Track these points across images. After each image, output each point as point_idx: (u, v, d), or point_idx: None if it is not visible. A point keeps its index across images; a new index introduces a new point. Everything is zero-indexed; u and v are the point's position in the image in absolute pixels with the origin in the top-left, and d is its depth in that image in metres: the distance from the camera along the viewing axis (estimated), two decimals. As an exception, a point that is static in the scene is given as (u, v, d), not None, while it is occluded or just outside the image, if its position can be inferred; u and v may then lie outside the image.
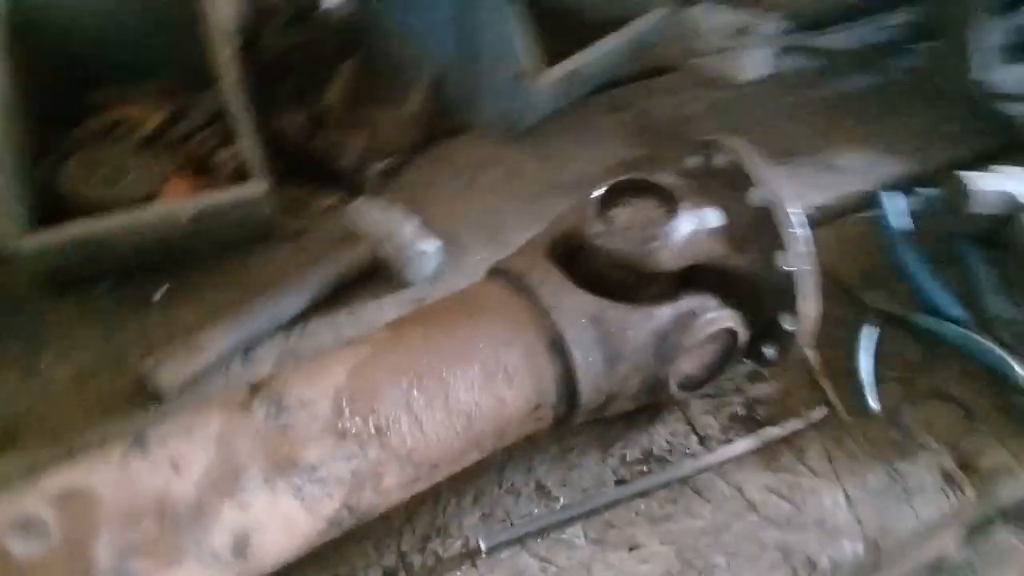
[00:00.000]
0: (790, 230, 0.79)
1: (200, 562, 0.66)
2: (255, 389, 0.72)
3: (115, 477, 0.65)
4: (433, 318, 0.79)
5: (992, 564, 0.88)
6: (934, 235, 1.07)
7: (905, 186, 1.15)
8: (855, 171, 1.21)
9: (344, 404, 0.71)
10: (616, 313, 0.78)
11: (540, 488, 0.84)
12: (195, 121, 1.21)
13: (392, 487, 0.73)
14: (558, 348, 0.76)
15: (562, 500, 0.83)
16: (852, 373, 0.93)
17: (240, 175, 1.10)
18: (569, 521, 0.82)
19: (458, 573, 0.78)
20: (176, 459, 0.66)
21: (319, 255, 1.05)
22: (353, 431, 0.70)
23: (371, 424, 0.71)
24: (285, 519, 0.68)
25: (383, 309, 1.03)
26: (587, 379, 0.77)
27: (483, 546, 0.79)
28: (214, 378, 0.94)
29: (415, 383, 0.73)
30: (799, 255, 0.79)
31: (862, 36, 1.53)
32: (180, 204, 1.00)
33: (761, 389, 0.93)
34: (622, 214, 0.82)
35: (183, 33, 1.23)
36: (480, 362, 0.75)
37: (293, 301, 1.00)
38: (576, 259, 0.82)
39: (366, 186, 1.17)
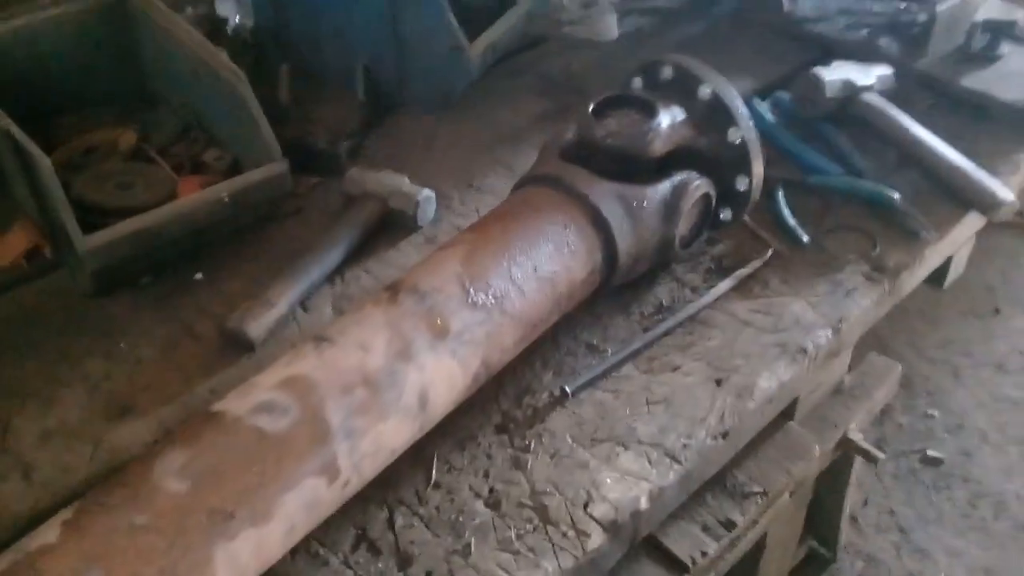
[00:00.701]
0: (739, 110, 1.06)
1: (398, 416, 0.83)
2: (394, 288, 0.89)
3: (319, 363, 0.81)
4: (503, 217, 0.99)
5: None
6: (798, 122, 1.39)
7: (759, 94, 1.47)
8: (719, 91, 1.52)
9: (467, 284, 0.90)
10: (633, 190, 1.02)
11: (589, 346, 1.06)
12: (167, 133, 1.32)
13: (509, 345, 0.93)
14: (599, 222, 0.99)
15: (609, 351, 1.06)
16: (780, 223, 1.22)
17: (233, 170, 1.24)
18: (621, 363, 1.04)
19: (553, 414, 0.99)
20: (361, 342, 0.83)
21: (332, 219, 1.21)
22: (480, 302, 0.89)
23: (491, 296, 0.90)
24: (448, 376, 0.87)
25: (401, 250, 1.21)
26: (622, 243, 1.01)
27: (568, 390, 1.00)
28: (286, 327, 1.08)
29: (512, 261, 0.93)
30: (747, 128, 1.07)
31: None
32: (218, 187, 1.13)
33: (720, 249, 1.19)
34: (612, 121, 1.06)
35: (123, 63, 1.35)
36: (550, 241, 0.96)
37: (332, 255, 1.15)
38: (584, 159, 1.05)
39: (341, 162, 1.34)
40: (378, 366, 0.82)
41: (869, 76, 1.38)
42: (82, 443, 0.95)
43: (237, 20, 1.60)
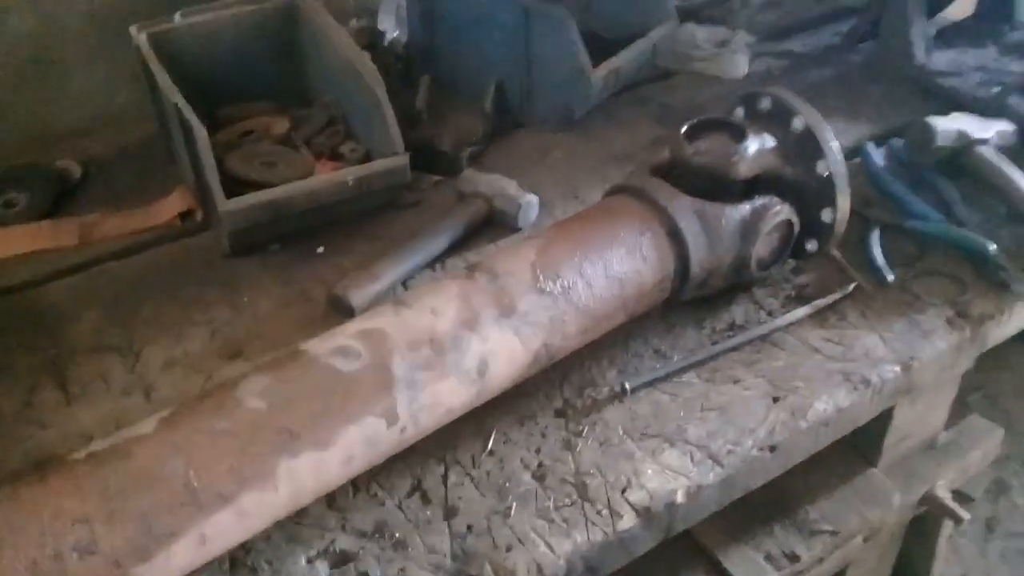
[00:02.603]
0: (828, 143, 1.11)
1: (458, 378, 0.92)
2: (472, 268, 0.99)
3: (394, 320, 0.92)
4: (584, 218, 1.07)
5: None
6: (907, 169, 1.40)
7: (875, 140, 1.49)
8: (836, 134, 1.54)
9: (538, 272, 0.98)
10: (713, 208, 1.08)
11: (656, 351, 1.12)
12: (315, 126, 1.48)
13: (572, 333, 1.00)
14: (675, 235, 1.06)
15: (675, 358, 1.11)
16: (868, 261, 1.24)
17: (364, 161, 1.38)
18: (684, 369, 1.10)
19: (610, 407, 1.05)
20: (434, 308, 0.93)
21: (443, 213, 1.33)
22: (547, 289, 0.98)
23: (559, 285, 0.98)
24: (509, 350, 0.95)
25: (499, 248, 1.30)
26: (696, 257, 1.06)
27: (628, 387, 1.06)
28: (385, 300, 1.20)
29: (584, 257, 1.01)
30: (835, 162, 1.11)
31: (817, 40, 1.89)
32: (344, 171, 1.27)
33: (803, 279, 1.23)
34: (703, 142, 1.13)
35: (286, 62, 1.52)
36: (623, 245, 1.03)
37: (437, 243, 1.27)
38: (671, 176, 1.12)
39: (461, 165, 1.46)
40: (445, 330, 0.91)
41: (987, 130, 1.38)
42: (197, 375, 1.10)
43: (394, 34, 1.77)
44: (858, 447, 1.34)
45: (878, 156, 1.43)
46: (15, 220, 1.38)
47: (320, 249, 1.30)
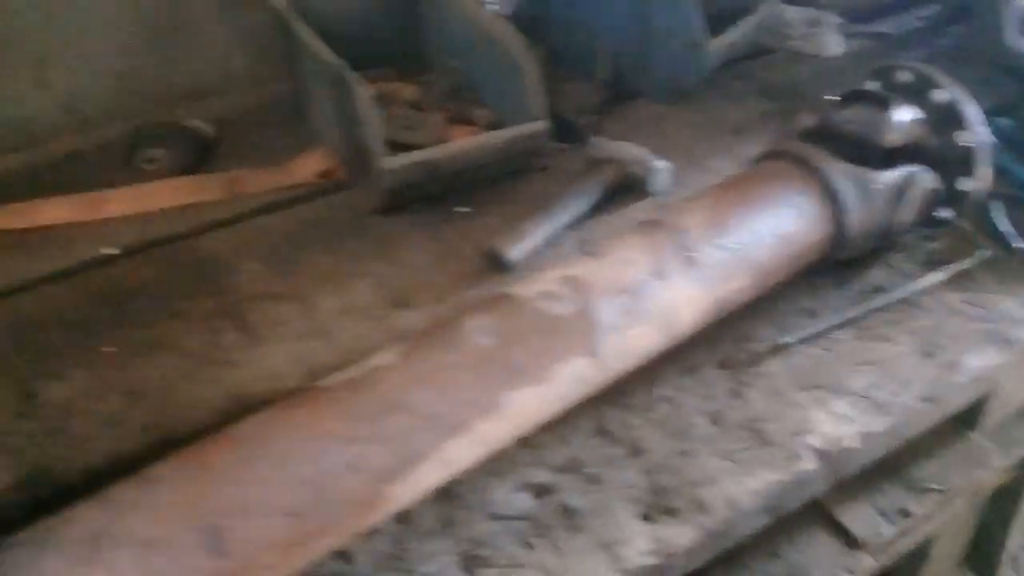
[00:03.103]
0: (971, 115, 1.16)
1: (650, 325, 0.97)
2: (650, 223, 1.04)
3: (592, 268, 0.97)
4: (746, 180, 1.13)
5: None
6: (1016, 147, 1.45)
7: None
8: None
9: (710, 228, 1.03)
10: (865, 173, 1.13)
11: (807, 311, 1.18)
12: (438, 92, 1.53)
13: (744, 288, 1.06)
14: (833, 197, 1.11)
15: (825, 317, 1.17)
16: (994, 231, 1.29)
17: (493, 126, 1.43)
18: (836, 327, 1.15)
19: (770, 361, 1.11)
20: (624, 258, 0.98)
21: (577, 177, 1.38)
22: (723, 244, 1.03)
23: (732, 240, 1.03)
24: (692, 300, 1.00)
25: (634, 212, 1.35)
26: (850, 219, 1.12)
27: (786, 342, 1.11)
28: (536, 257, 1.25)
29: (753, 216, 1.06)
30: (979, 133, 1.16)
31: (904, 22, 1.94)
32: (493, 135, 1.31)
33: (936, 245, 1.28)
34: (850, 111, 1.18)
35: (409, 29, 1.56)
36: (787, 206, 1.09)
37: (580, 205, 1.32)
38: (821, 143, 1.16)
39: (582, 134, 1.50)
40: (638, 279, 0.96)
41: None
42: (371, 321, 1.15)
43: (495, 7, 1.80)
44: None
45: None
46: (157, 176, 1.42)
47: (462, 209, 1.35)
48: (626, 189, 1.39)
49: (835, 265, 1.20)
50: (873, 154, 1.16)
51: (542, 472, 0.98)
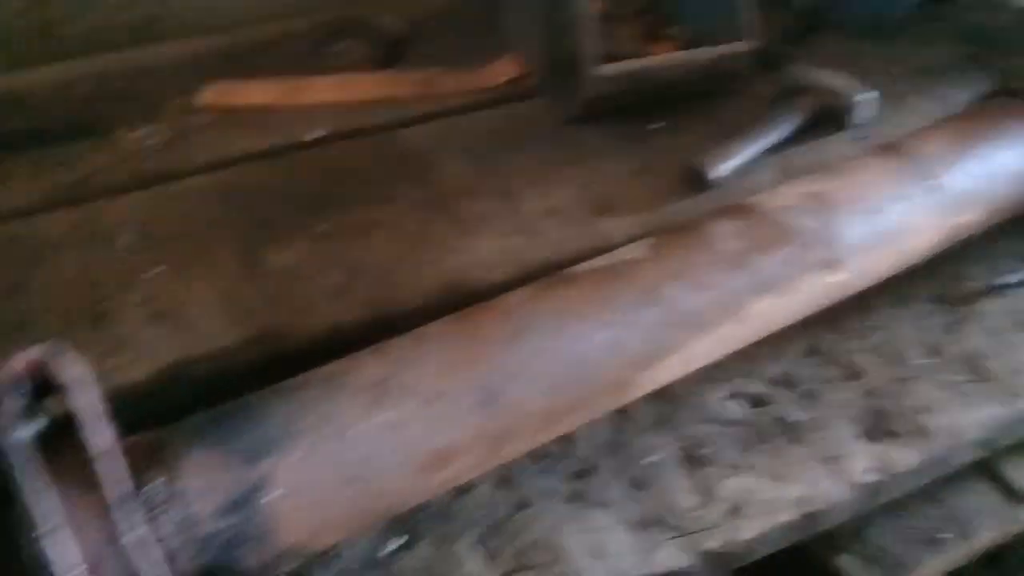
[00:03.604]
0: None
1: (889, 246, 0.96)
2: (889, 147, 1.02)
3: (833, 186, 0.95)
4: (977, 118, 1.09)
5: None
6: None
7: None
8: None
9: (951, 157, 1.01)
10: (1107, 116, 1.08)
11: (1016, 255, 1.15)
12: (632, 6, 1.51)
13: (976, 220, 1.03)
14: (1070, 137, 1.07)
15: (1034, 264, 1.14)
16: None
17: (690, 44, 1.40)
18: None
19: (985, 300, 1.08)
20: (865, 180, 0.97)
21: (775, 104, 1.35)
22: (959, 173, 1.00)
23: (968, 172, 1.01)
24: (927, 224, 0.98)
25: (831, 145, 1.32)
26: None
27: (1008, 281, 1.09)
28: (735, 178, 1.24)
29: (989, 151, 1.03)
30: None
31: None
32: (700, 51, 1.30)
33: None
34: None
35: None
36: (1011, 148, 1.05)
37: (778, 131, 1.29)
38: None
39: (781, 60, 1.47)
40: (880, 200, 0.95)
41: None
42: (574, 224, 1.16)
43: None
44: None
45: None
46: (350, 68, 1.44)
47: (655, 125, 1.34)
48: (826, 120, 1.36)
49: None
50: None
51: (756, 383, 0.98)
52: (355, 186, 1.21)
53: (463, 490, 0.89)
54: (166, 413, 0.74)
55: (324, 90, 1.38)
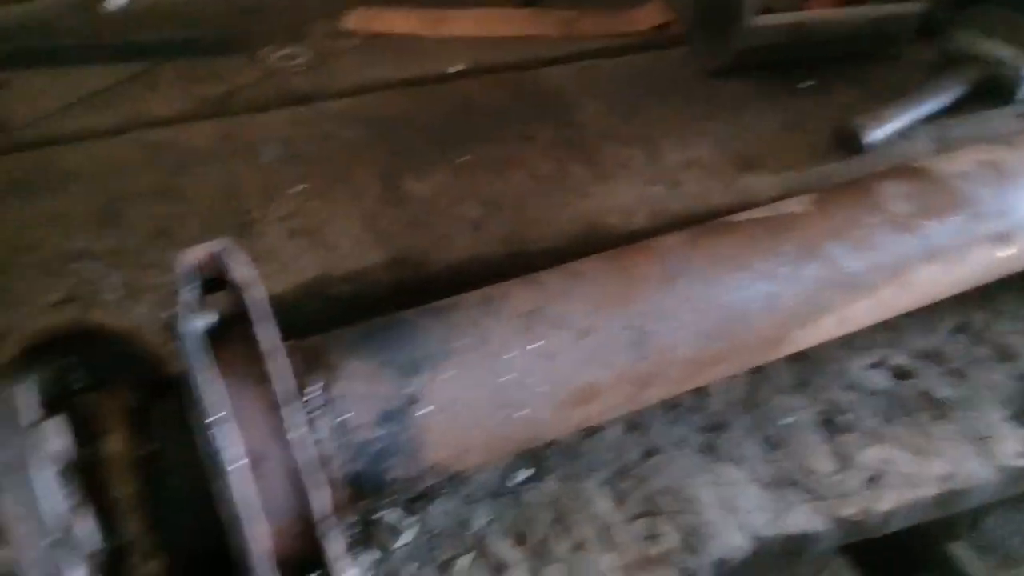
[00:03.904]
0: None
1: None
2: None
3: (1013, 158, 0.90)
4: None
5: None
6: None
7: None
8: None
9: None
10: None
11: None
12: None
13: None
14: None
15: None
16: None
17: (850, 3, 1.34)
18: None
19: None
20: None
21: (934, 71, 1.28)
22: None
23: None
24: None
25: (993, 118, 1.25)
26: None
27: None
28: (889, 145, 1.18)
29: None
30: None
31: None
32: (862, 9, 1.24)
33: None
34: None
35: None
36: None
37: (938, 99, 1.23)
38: None
39: (941, 27, 1.39)
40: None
41: None
42: (716, 178, 1.13)
43: None
44: None
45: None
46: (493, 3, 1.42)
47: (805, 84, 1.29)
48: (990, 91, 1.28)
49: None
50: None
51: (901, 355, 0.95)
52: (494, 122, 1.20)
53: (592, 431, 0.89)
54: (304, 327, 0.75)
55: (466, 23, 1.37)
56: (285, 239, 1.03)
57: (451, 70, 1.29)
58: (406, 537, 0.81)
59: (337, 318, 0.83)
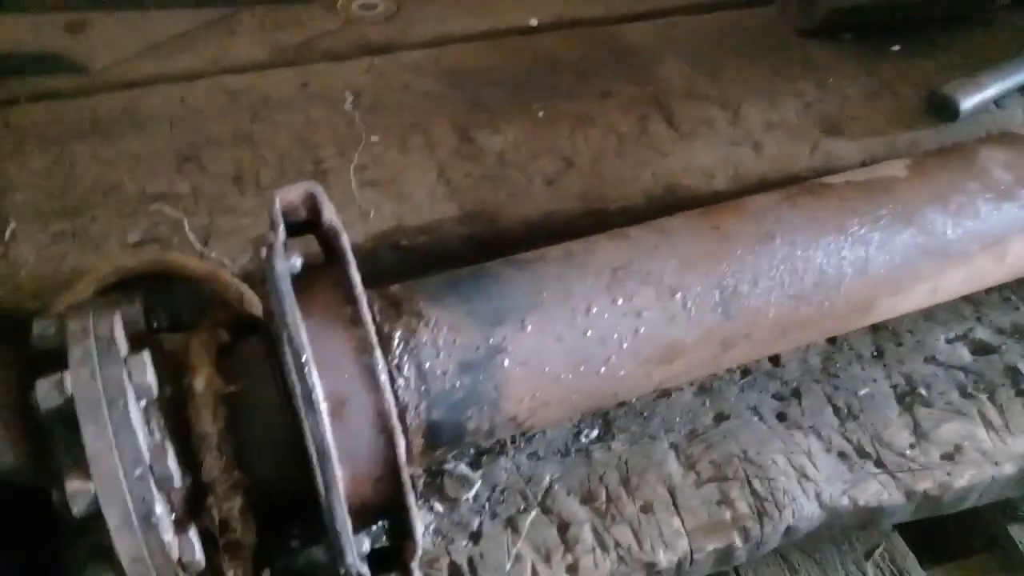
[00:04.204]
0: None
1: None
2: None
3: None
4: None
5: None
6: None
7: None
8: None
9: None
10: None
11: None
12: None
13: None
14: None
15: None
16: None
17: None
18: None
19: None
20: None
21: (1016, 41, 1.23)
22: None
23: None
24: None
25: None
26: None
27: None
28: (983, 112, 1.14)
29: None
30: None
31: None
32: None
33: None
34: None
35: None
36: None
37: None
38: None
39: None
40: None
41: None
42: (800, 142, 1.10)
43: None
44: None
45: None
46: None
47: (895, 47, 1.24)
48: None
49: None
50: None
51: (984, 330, 0.92)
52: (572, 77, 1.18)
53: (663, 393, 0.88)
54: (376, 277, 0.75)
55: (545, -24, 1.34)
56: (359, 189, 1.03)
57: (531, 23, 1.27)
58: (472, 491, 0.81)
59: (410, 269, 0.84)
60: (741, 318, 0.72)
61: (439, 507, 0.79)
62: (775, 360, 0.90)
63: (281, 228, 0.63)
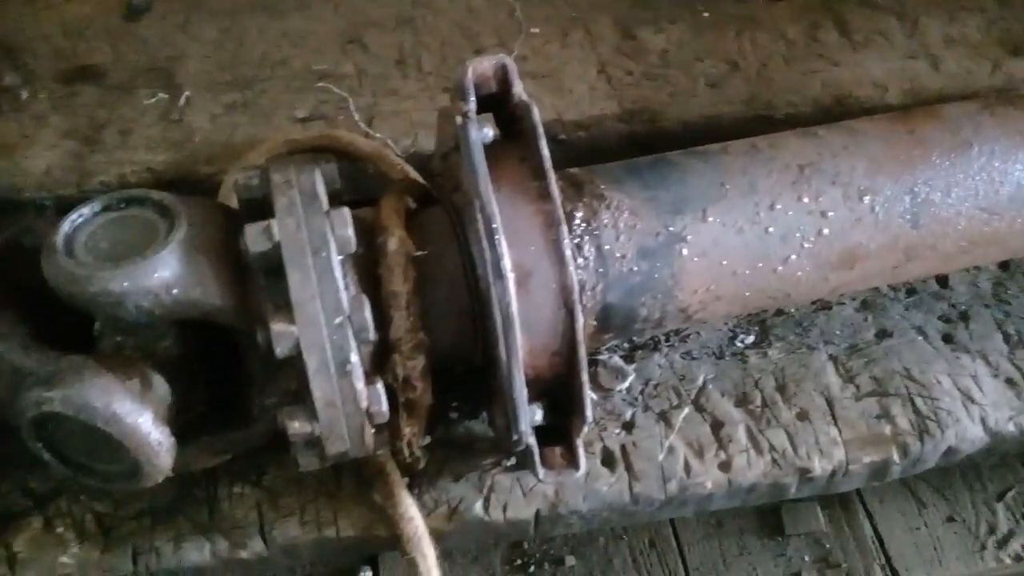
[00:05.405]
0: None
1: None
2: None
3: None
4: None
5: None
6: None
7: None
8: None
9: None
10: None
11: None
12: None
13: None
14: None
15: None
16: None
17: None
18: None
19: None
20: None
21: None
22: None
23: None
24: None
25: None
26: None
27: None
28: None
29: None
30: None
31: None
32: None
33: None
34: None
35: None
36: None
37: None
38: None
39: None
40: None
41: None
42: (981, 59, 1.04)
43: None
44: None
45: None
46: None
47: None
48: None
49: None
50: None
51: None
52: (738, -21, 1.14)
53: (824, 305, 0.86)
54: None
55: None
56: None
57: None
58: (626, 383, 0.81)
59: (567, 164, 0.83)
60: (929, 227, 0.69)
61: (593, 395, 0.80)
62: (942, 281, 0.87)
63: (472, 98, 0.63)
